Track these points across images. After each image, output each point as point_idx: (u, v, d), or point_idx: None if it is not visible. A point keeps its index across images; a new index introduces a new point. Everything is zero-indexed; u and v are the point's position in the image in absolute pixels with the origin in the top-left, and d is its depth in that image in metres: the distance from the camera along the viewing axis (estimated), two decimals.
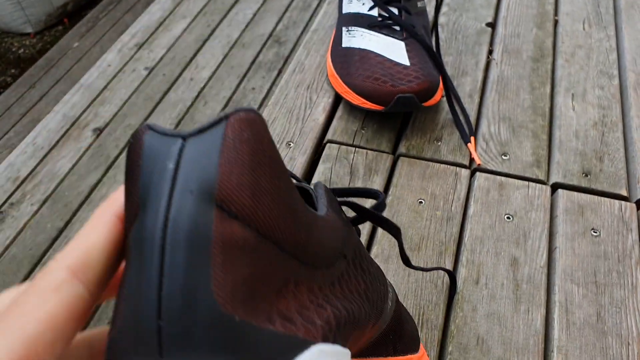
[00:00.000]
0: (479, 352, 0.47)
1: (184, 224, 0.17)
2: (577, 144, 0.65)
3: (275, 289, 0.19)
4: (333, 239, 0.25)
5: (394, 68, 0.63)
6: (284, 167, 0.20)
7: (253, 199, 0.18)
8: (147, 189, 0.18)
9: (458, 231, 0.56)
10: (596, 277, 0.52)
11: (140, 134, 0.19)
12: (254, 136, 0.19)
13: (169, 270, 0.17)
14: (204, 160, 0.18)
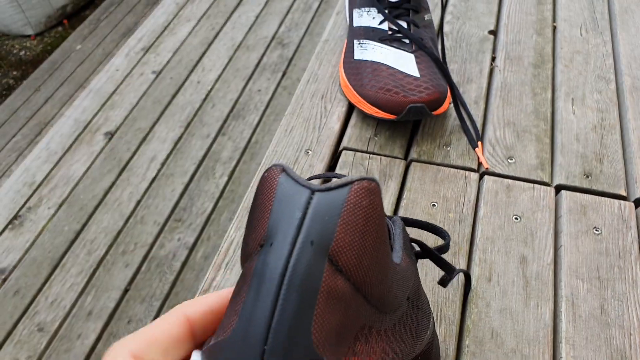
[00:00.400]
0: (494, 345, 0.52)
1: (301, 270, 0.20)
2: (578, 147, 0.69)
3: (354, 333, 0.23)
4: (404, 287, 0.28)
5: (405, 79, 0.67)
6: (386, 233, 0.23)
7: (357, 258, 0.22)
8: (274, 230, 0.21)
9: (470, 232, 0.60)
10: (599, 272, 0.57)
11: (274, 174, 0.23)
12: (370, 204, 0.22)
13: (281, 306, 0.20)
14: (326, 218, 0.21)
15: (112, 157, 1.31)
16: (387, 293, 0.24)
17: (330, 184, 0.22)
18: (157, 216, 1.20)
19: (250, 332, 0.20)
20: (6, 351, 1.04)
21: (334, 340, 0.21)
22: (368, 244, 0.22)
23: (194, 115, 1.38)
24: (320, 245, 0.21)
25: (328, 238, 0.21)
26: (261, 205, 0.23)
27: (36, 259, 1.15)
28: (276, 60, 1.53)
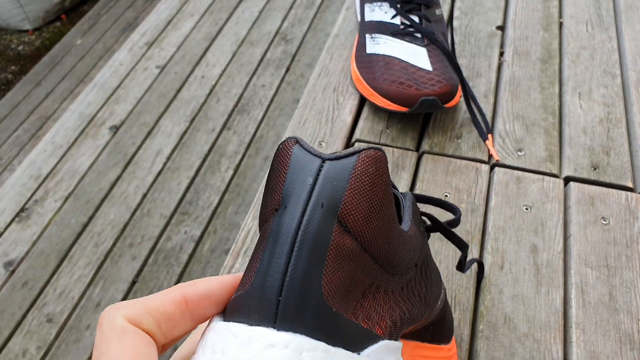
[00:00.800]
0: (507, 330, 0.54)
1: (312, 230, 0.23)
2: (585, 140, 0.71)
3: (362, 290, 0.25)
4: (411, 252, 0.30)
5: (417, 73, 0.68)
6: (391, 198, 0.25)
7: (364, 220, 0.24)
8: (289, 194, 0.24)
9: (482, 222, 0.62)
10: (607, 261, 0.59)
11: (289, 145, 0.25)
12: (376, 171, 0.24)
13: (294, 262, 0.22)
14: (335, 183, 0.23)
15: (118, 150, 1.32)
16: (394, 255, 0.27)
17: (340, 152, 0.24)
18: (164, 209, 1.22)
19: (267, 286, 0.22)
20: (16, 341, 1.05)
21: (343, 293, 0.23)
22: (374, 206, 0.24)
23: (199, 110, 1.40)
24: (330, 207, 0.23)
25: (337, 201, 0.23)
26: (277, 173, 0.25)
27: (44, 251, 1.16)
28: (280, 56, 1.54)
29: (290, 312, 0.22)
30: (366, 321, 0.24)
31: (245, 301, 0.23)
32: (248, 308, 0.23)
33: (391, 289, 0.27)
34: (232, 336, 0.22)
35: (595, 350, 0.52)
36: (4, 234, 1.21)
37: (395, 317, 0.27)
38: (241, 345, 0.22)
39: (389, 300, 0.27)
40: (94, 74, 2.16)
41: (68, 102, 2.08)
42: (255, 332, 0.22)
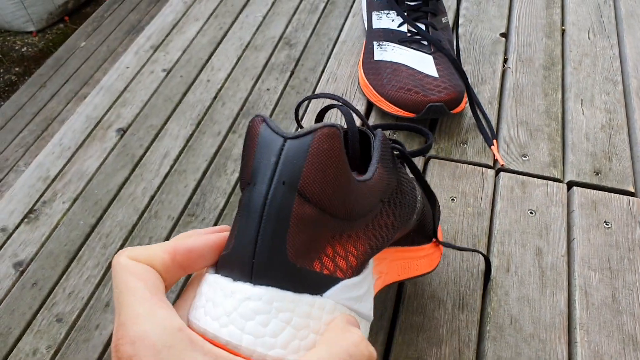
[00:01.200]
0: (513, 330, 0.55)
1: (276, 204, 0.28)
2: (587, 146, 0.72)
3: (324, 242, 0.30)
4: (375, 197, 0.35)
5: (424, 80, 0.70)
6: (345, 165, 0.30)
7: (321, 189, 0.28)
8: (256, 172, 0.29)
9: (488, 225, 0.64)
10: (610, 264, 0.60)
11: (257, 124, 0.30)
12: (330, 147, 0.28)
13: (262, 232, 0.28)
14: (294, 161, 0.28)
15: (125, 153, 1.34)
16: (353, 207, 0.31)
17: (300, 131, 0.28)
18: (171, 211, 1.23)
19: (243, 250, 0.28)
20: (26, 341, 1.06)
21: (306, 250, 0.29)
22: (329, 177, 0.29)
23: (205, 113, 1.41)
24: (290, 183, 0.28)
25: (296, 177, 0.28)
26: (248, 150, 0.30)
27: (53, 252, 1.17)
28: (284, 60, 1.56)
29: (262, 271, 0.28)
30: (327, 268, 0.30)
31: (229, 261, 0.29)
32: (231, 266, 0.29)
33: (354, 231, 0.32)
34: (219, 289, 0.29)
35: (599, 351, 0.54)
36: (13, 234, 1.22)
37: (360, 254, 0.33)
38: (225, 297, 0.28)
39: (352, 242, 0.32)
40: (98, 76, 2.17)
41: (73, 104, 2.09)
42: (236, 286, 0.28)
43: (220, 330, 0.27)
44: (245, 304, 0.27)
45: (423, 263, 0.51)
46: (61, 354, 1.06)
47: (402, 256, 0.47)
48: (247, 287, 0.28)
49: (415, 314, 0.56)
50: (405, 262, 0.48)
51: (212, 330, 0.28)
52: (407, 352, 0.54)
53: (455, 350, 0.54)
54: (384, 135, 0.38)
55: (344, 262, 0.31)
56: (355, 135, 0.38)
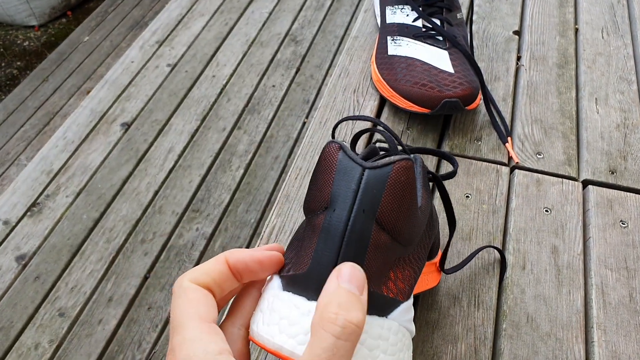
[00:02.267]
0: (530, 329, 0.55)
1: (357, 230, 0.29)
2: (602, 145, 0.72)
3: (390, 267, 0.32)
4: (424, 221, 0.37)
5: (439, 75, 0.69)
6: (415, 197, 0.31)
7: (396, 219, 0.30)
8: (336, 198, 0.30)
9: (503, 223, 0.63)
10: (627, 263, 0.60)
11: (334, 151, 0.31)
12: (406, 179, 0.30)
13: (342, 256, 0.29)
14: (374, 191, 0.29)
15: (129, 147, 1.33)
16: (414, 234, 0.33)
17: (378, 162, 0.30)
18: (176, 206, 1.22)
19: (321, 271, 0.29)
20: (28, 335, 1.05)
21: (378, 276, 0.31)
22: (404, 208, 0.30)
23: (210, 109, 1.40)
24: (370, 212, 0.29)
25: (376, 206, 0.29)
26: (323, 174, 0.31)
27: (55, 246, 1.17)
28: (290, 57, 1.55)
29: None
30: (392, 292, 0.32)
31: (304, 280, 0.30)
32: (306, 286, 0.30)
33: (408, 255, 0.34)
34: (295, 307, 0.30)
35: (617, 351, 0.53)
36: (16, 227, 1.22)
37: (410, 278, 0.34)
38: (302, 315, 0.29)
39: (406, 266, 0.34)
40: (101, 71, 2.17)
41: (75, 99, 2.08)
42: (313, 306, 0.29)
43: (297, 348, 0.29)
44: None
45: (432, 278, 0.52)
46: (63, 348, 1.05)
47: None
48: None
49: (431, 311, 0.56)
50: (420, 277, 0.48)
51: (289, 347, 0.29)
52: (422, 349, 0.53)
53: (471, 347, 0.53)
54: (422, 161, 0.40)
55: (403, 285, 0.33)
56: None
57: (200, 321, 0.28)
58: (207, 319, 0.28)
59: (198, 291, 0.29)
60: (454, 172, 0.48)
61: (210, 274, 0.30)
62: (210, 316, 0.28)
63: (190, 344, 0.26)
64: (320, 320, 0.27)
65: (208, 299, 0.29)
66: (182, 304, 0.29)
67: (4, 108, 2.17)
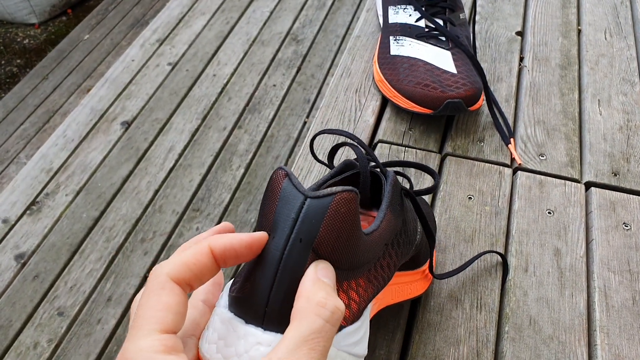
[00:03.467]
0: (532, 331, 0.54)
1: (292, 259, 0.30)
2: (605, 146, 0.71)
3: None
4: (381, 244, 0.37)
5: (442, 75, 0.69)
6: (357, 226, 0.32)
7: (333, 248, 0.31)
8: (276, 225, 0.31)
9: (506, 224, 0.63)
10: (630, 265, 0.59)
11: (280, 178, 0.32)
12: (346, 211, 0.31)
13: (277, 283, 0.30)
14: (313, 221, 0.30)
15: (130, 146, 1.33)
16: (359, 260, 0.34)
17: (320, 192, 0.30)
18: (176, 205, 1.22)
19: (258, 297, 0.30)
20: (27, 334, 1.05)
21: None
22: (342, 238, 0.31)
23: (211, 108, 1.40)
24: (307, 241, 0.30)
25: (313, 236, 0.30)
26: (269, 201, 0.32)
27: (55, 245, 1.16)
28: (291, 56, 1.55)
29: (274, 319, 0.30)
30: None
31: (243, 304, 0.31)
32: (245, 309, 0.31)
33: (357, 278, 0.35)
34: (232, 329, 0.30)
35: (620, 354, 0.53)
36: (15, 226, 1.21)
37: (362, 300, 0.35)
38: (238, 338, 0.30)
39: (354, 289, 0.34)
40: (101, 69, 2.16)
41: (75, 97, 2.08)
42: (248, 330, 0.30)
43: None
44: (256, 348, 0.29)
45: (415, 286, 0.52)
46: (62, 347, 1.04)
47: (396, 281, 0.48)
48: (259, 332, 0.30)
49: (433, 313, 0.55)
50: (399, 287, 0.49)
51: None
52: (424, 351, 0.53)
53: (474, 350, 0.53)
54: (395, 177, 0.40)
55: (346, 311, 0.33)
56: (367, 179, 0.40)
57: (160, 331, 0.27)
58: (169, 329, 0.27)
59: (172, 294, 0.28)
60: (434, 187, 0.47)
61: (192, 269, 0.29)
62: (175, 326, 0.28)
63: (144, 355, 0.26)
64: (309, 305, 0.28)
65: (180, 305, 0.28)
66: (152, 304, 0.28)
67: (4, 106, 2.16)
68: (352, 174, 0.43)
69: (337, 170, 0.43)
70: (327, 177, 0.42)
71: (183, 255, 0.30)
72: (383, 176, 0.41)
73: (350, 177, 0.44)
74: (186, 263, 0.29)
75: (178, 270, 0.29)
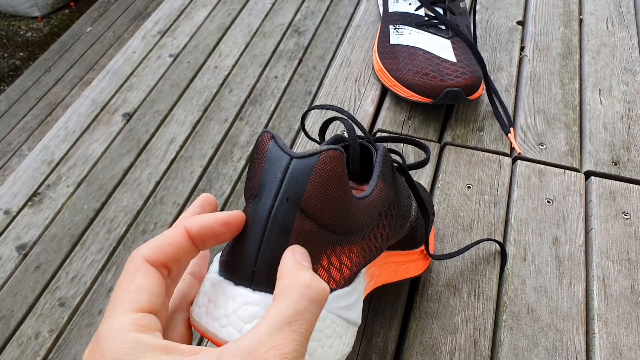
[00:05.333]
0: (530, 320, 0.54)
1: (280, 218, 0.30)
2: (605, 136, 0.71)
3: (322, 254, 0.32)
4: (373, 212, 0.37)
5: (442, 64, 0.69)
6: (345, 186, 0.32)
7: (322, 208, 0.31)
8: (263, 186, 0.31)
9: (504, 213, 0.62)
10: (629, 254, 0.59)
11: (265, 140, 0.32)
12: (332, 169, 0.30)
13: (265, 243, 0.30)
14: (299, 180, 0.30)
15: (131, 138, 1.33)
16: (352, 223, 0.34)
17: (305, 152, 0.30)
18: (177, 197, 1.22)
19: (246, 258, 0.30)
20: (29, 324, 1.05)
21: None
22: (329, 196, 0.31)
23: (212, 100, 1.40)
24: (294, 200, 0.30)
25: (299, 195, 0.30)
26: (255, 163, 0.32)
27: (56, 236, 1.16)
28: (292, 48, 1.55)
29: (262, 278, 0.30)
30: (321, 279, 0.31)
31: (232, 265, 0.31)
32: (234, 271, 0.31)
33: (350, 244, 0.35)
34: (221, 291, 0.31)
35: (617, 343, 0.53)
36: (17, 217, 1.21)
37: (353, 265, 0.35)
38: (227, 300, 0.30)
39: (347, 254, 0.34)
40: (103, 61, 2.16)
41: (77, 89, 2.08)
42: (237, 290, 0.30)
43: (220, 330, 0.30)
44: (245, 308, 0.30)
45: (413, 266, 0.52)
46: (63, 338, 1.05)
47: (393, 260, 0.48)
48: (247, 292, 0.30)
49: (430, 301, 0.55)
50: (396, 266, 0.49)
51: (212, 330, 0.30)
52: (421, 339, 0.53)
53: (471, 338, 0.53)
54: (385, 150, 0.40)
55: (337, 273, 0.33)
56: (356, 150, 0.40)
57: (134, 310, 0.27)
58: (143, 308, 0.27)
59: (147, 275, 0.28)
60: (425, 161, 0.47)
61: (167, 250, 0.29)
62: (149, 305, 0.27)
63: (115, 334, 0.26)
64: (294, 285, 0.28)
65: (155, 286, 0.28)
66: (125, 286, 0.28)
67: (7, 98, 2.17)
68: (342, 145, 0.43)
69: (327, 143, 0.43)
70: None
71: (159, 238, 0.29)
72: (373, 149, 0.41)
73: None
74: (160, 245, 0.29)
75: (152, 252, 0.29)
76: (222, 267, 0.32)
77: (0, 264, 1.11)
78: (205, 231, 0.30)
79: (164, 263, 0.29)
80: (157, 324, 0.27)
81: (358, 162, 0.40)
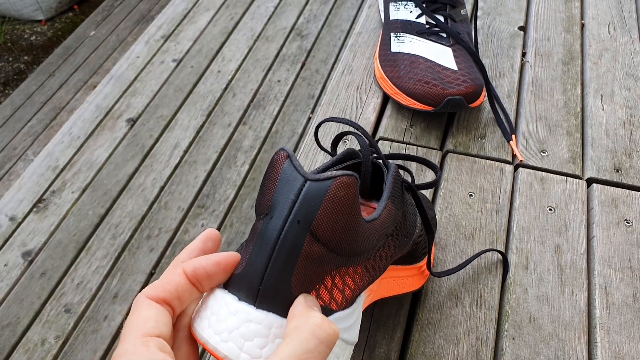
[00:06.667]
0: (532, 329, 0.54)
1: (289, 239, 0.30)
2: (607, 142, 0.71)
3: (326, 276, 0.33)
4: (381, 233, 0.37)
5: (443, 72, 0.69)
6: (357, 212, 0.32)
7: (332, 232, 0.31)
8: (275, 205, 0.31)
9: (506, 222, 0.63)
10: (631, 262, 0.59)
11: (281, 159, 0.32)
12: (345, 195, 0.31)
13: (273, 262, 0.30)
14: (312, 203, 0.30)
15: (135, 143, 1.33)
16: (358, 247, 0.34)
17: (320, 175, 0.31)
18: (181, 202, 1.23)
19: (252, 275, 0.31)
20: (35, 330, 1.06)
21: (308, 283, 0.31)
22: (340, 222, 0.31)
23: (215, 104, 1.40)
24: (305, 223, 0.30)
25: (311, 218, 0.30)
26: (269, 181, 0.32)
27: (61, 242, 1.17)
28: (295, 52, 1.55)
29: (267, 298, 0.30)
30: (322, 300, 0.32)
31: (238, 281, 0.31)
32: (239, 287, 0.31)
33: (355, 265, 0.35)
34: (224, 305, 0.31)
35: (620, 352, 0.53)
36: (22, 224, 1.22)
37: (357, 287, 0.35)
38: (229, 314, 0.30)
39: (351, 275, 0.35)
40: (107, 65, 2.17)
41: (82, 93, 2.09)
42: (240, 306, 0.30)
43: (220, 344, 0.30)
44: (247, 325, 0.30)
45: (411, 281, 0.52)
46: (69, 344, 1.05)
47: (392, 275, 0.48)
48: (250, 309, 0.30)
49: (433, 311, 0.55)
50: (395, 280, 0.49)
51: (213, 343, 0.30)
52: (424, 349, 0.53)
53: (473, 348, 0.53)
54: (397, 169, 0.41)
55: (339, 295, 0.34)
56: (368, 169, 0.40)
57: (143, 335, 0.28)
58: (151, 333, 0.29)
59: (151, 309, 0.30)
60: (436, 181, 0.48)
61: (167, 289, 0.31)
62: (156, 331, 0.29)
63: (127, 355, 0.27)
64: (305, 324, 0.28)
65: (160, 315, 0.30)
66: (133, 320, 0.29)
67: (11, 103, 2.18)
68: (353, 163, 0.43)
69: (339, 157, 0.43)
70: (328, 164, 0.42)
71: (160, 279, 0.32)
72: (385, 168, 0.42)
73: (352, 167, 0.44)
74: (161, 285, 0.31)
75: (153, 291, 0.30)
76: (228, 281, 0.32)
77: (7, 270, 1.12)
78: (199, 271, 0.31)
79: (165, 300, 0.30)
80: (168, 347, 0.29)
81: (369, 181, 0.40)
